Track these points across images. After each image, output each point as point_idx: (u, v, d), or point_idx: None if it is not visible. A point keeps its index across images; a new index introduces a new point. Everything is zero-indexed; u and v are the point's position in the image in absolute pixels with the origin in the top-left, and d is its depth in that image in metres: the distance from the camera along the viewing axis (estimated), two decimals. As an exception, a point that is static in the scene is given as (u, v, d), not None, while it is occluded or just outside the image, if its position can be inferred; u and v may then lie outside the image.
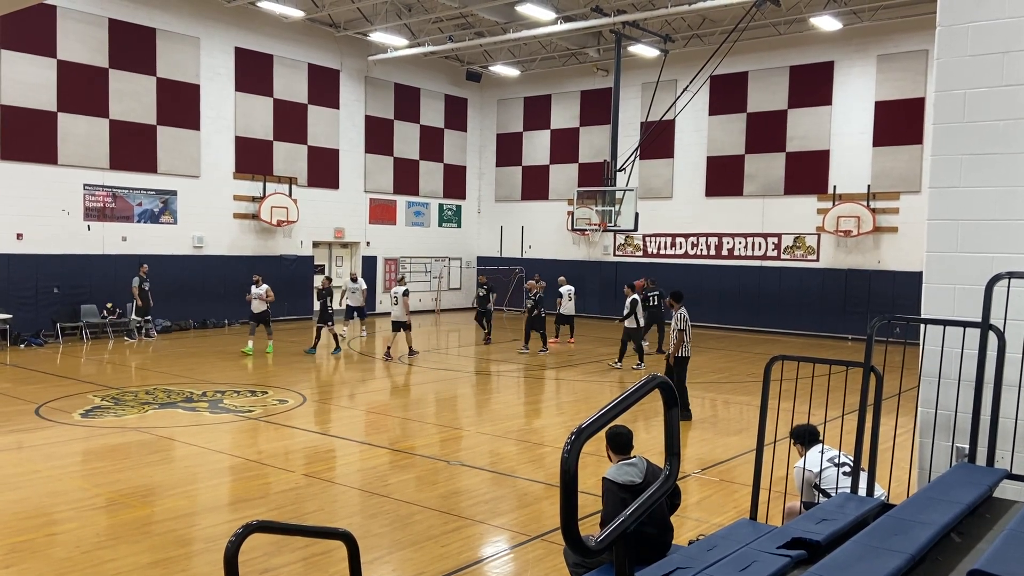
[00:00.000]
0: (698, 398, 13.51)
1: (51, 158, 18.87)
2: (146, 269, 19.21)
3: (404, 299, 16.89)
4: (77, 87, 19.23)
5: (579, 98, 27.40)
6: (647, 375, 2.62)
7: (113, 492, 7.81)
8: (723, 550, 3.48)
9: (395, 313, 17.06)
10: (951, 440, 5.12)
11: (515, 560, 6.47)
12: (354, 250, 26.07)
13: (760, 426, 4.95)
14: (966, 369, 4.91)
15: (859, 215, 21.77)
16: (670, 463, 2.70)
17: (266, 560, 6.05)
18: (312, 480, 8.42)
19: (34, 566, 5.98)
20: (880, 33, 21.53)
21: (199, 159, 21.65)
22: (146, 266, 19.28)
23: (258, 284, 17.14)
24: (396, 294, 17.07)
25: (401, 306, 16.86)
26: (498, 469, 8.94)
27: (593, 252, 27.22)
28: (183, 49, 21.18)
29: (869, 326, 4.80)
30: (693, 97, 22.09)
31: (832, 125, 22.61)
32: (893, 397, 5.21)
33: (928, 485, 4.41)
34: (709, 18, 22.50)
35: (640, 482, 4.73)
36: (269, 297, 17.01)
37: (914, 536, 3.17)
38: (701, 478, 8.68)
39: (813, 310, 22.84)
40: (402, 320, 16.88)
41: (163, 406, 11.89)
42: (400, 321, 16.92)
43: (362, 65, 25.46)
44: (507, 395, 13.91)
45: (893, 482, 5.55)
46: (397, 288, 17.23)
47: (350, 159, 25.52)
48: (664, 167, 25.49)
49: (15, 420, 10.86)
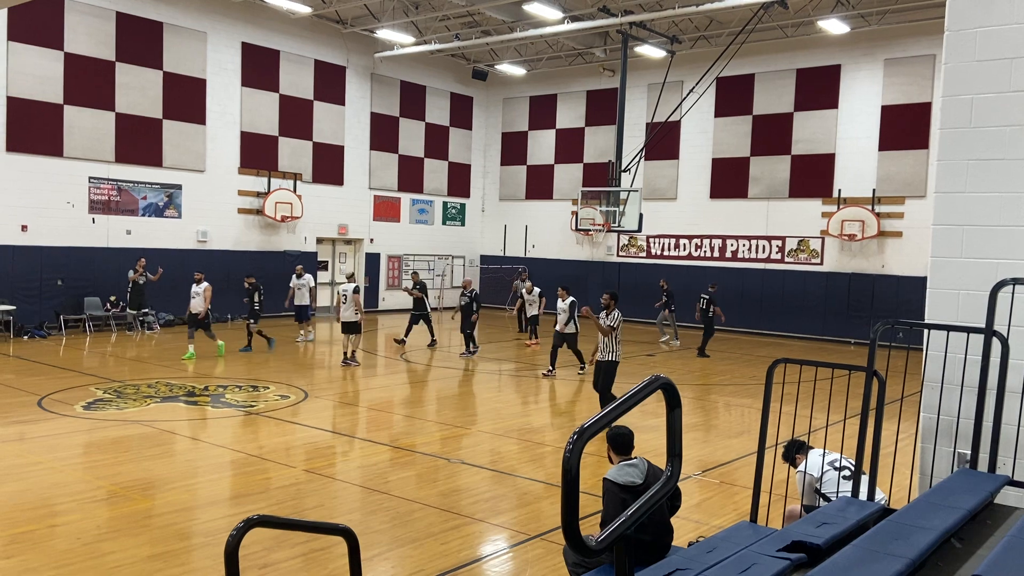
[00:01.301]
0: (699, 400, 13.51)
1: (57, 150, 18.91)
2: (143, 263, 19.15)
3: (355, 297, 15.51)
4: (84, 80, 19.26)
5: (585, 98, 27.38)
6: (651, 375, 2.61)
7: (114, 485, 7.83)
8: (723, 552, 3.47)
9: (344, 314, 15.63)
10: (953, 446, 5.11)
11: (514, 559, 6.47)
12: (358, 247, 26.09)
13: (762, 429, 4.95)
14: (969, 375, 4.90)
15: (864, 219, 21.74)
16: (671, 464, 2.70)
17: (266, 555, 6.06)
18: (312, 476, 8.43)
19: (35, 557, 5.99)
20: (887, 37, 21.49)
21: (204, 154, 21.68)
22: (144, 260, 19.23)
23: (199, 282, 15.83)
24: (345, 292, 15.61)
25: (351, 306, 15.46)
26: (498, 468, 8.94)
27: (596, 252, 27.21)
28: (190, 43, 21.21)
29: (872, 330, 4.79)
30: (699, 99, 22.11)
31: (838, 128, 22.58)
32: (895, 402, 5.20)
33: (929, 490, 4.41)
34: (716, 20, 22.47)
35: (641, 483, 4.73)
36: (207, 296, 15.61)
37: (915, 541, 3.17)
38: (701, 480, 8.67)
39: (816, 314, 22.81)
40: (352, 321, 15.54)
41: (165, 400, 11.91)
42: (350, 322, 15.57)
43: (368, 62, 25.47)
44: (508, 394, 13.91)
45: (894, 487, 5.54)
46: (346, 285, 15.74)
47: (355, 156, 25.54)
48: (669, 168, 25.47)
49: (17, 411, 10.89)
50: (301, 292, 18.51)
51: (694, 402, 13.20)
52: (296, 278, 18.69)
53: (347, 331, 15.67)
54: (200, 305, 15.64)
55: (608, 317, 10.92)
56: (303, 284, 18.54)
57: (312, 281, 18.80)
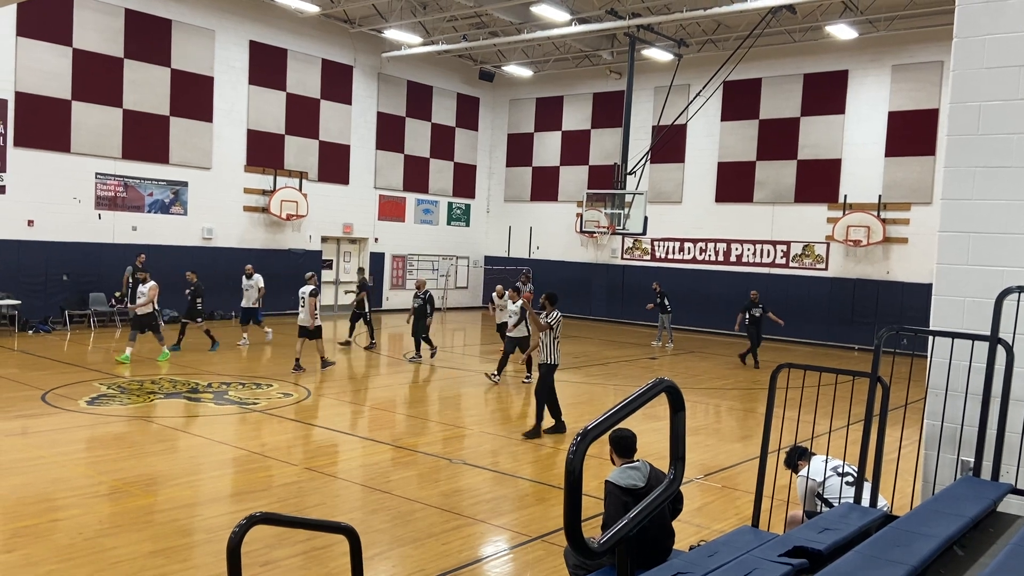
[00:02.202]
0: (702, 404, 13.49)
1: (64, 146, 18.96)
2: (143, 259, 18.97)
3: (311, 300, 14.66)
4: (92, 76, 19.32)
5: (591, 100, 27.38)
6: (655, 378, 2.61)
7: (116, 480, 7.84)
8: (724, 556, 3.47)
9: (300, 317, 14.82)
10: (956, 453, 5.10)
11: (515, 560, 6.47)
12: (362, 246, 26.11)
13: (765, 434, 4.94)
14: (973, 382, 4.89)
15: (869, 225, 21.70)
16: (675, 468, 2.70)
17: (267, 552, 6.07)
18: (314, 474, 8.43)
19: (37, 551, 6.01)
20: (895, 43, 21.45)
21: (211, 151, 21.72)
22: (143, 256, 19.00)
23: (144, 280, 14.82)
24: (303, 294, 14.83)
25: (307, 309, 14.64)
26: (500, 469, 8.94)
27: (601, 255, 27.20)
28: (198, 41, 21.25)
29: (877, 336, 4.78)
30: (706, 102, 22.09)
31: (844, 134, 22.54)
32: (899, 408, 5.19)
33: (932, 497, 4.40)
34: (724, 23, 22.46)
35: (643, 486, 4.73)
36: (152, 296, 14.52)
37: (916, 548, 3.16)
38: (703, 484, 8.66)
39: (820, 319, 22.77)
40: (306, 325, 14.64)
41: (168, 396, 11.93)
42: (305, 326, 14.67)
43: (375, 62, 25.50)
44: (510, 395, 13.90)
45: (897, 494, 5.53)
46: (304, 288, 14.95)
47: (361, 155, 25.56)
48: (675, 171, 25.45)
49: (21, 406, 10.92)
50: (249, 293, 17.38)
51: (697, 406, 13.18)
52: (245, 278, 17.54)
53: (302, 335, 14.73)
54: (146, 307, 14.58)
55: (546, 316, 10.59)
56: (251, 285, 17.36)
57: (261, 282, 17.48)
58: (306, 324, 14.65)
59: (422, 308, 16.33)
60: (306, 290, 14.84)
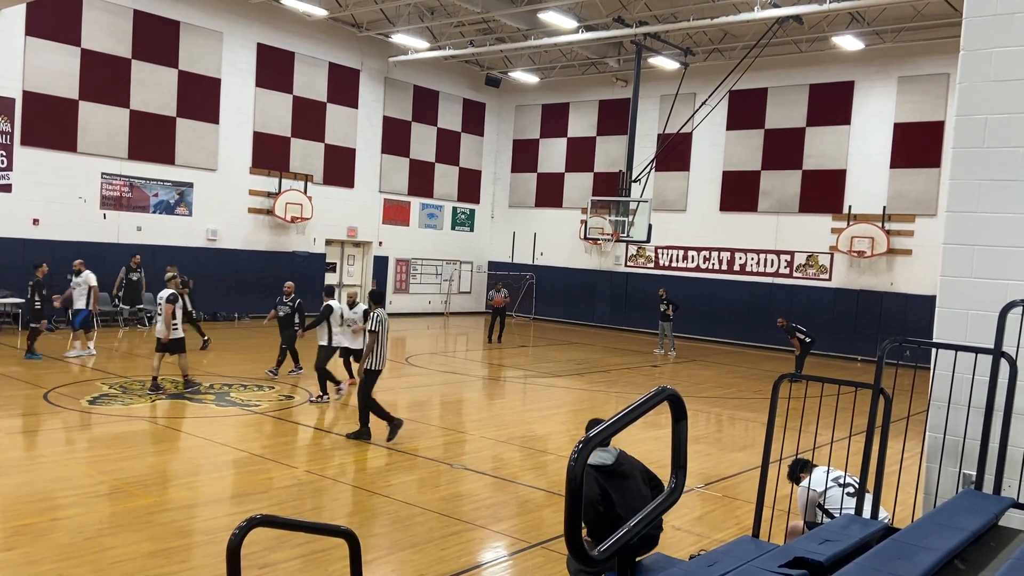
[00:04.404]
0: (703, 413, 13.47)
1: (71, 146, 19.02)
2: (138, 260, 18.99)
3: (167, 307, 12.08)
4: (99, 76, 19.38)
5: (597, 107, 27.40)
6: (657, 387, 2.61)
7: (117, 480, 7.85)
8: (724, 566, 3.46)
9: (157, 328, 12.39)
10: (958, 466, 5.08)
11: (514, 566, 6.46)
12: (366, 249, 26.13)
13: (766, 444, 4.93)
14: (976, 395, 4.88)
15: (873, 236, 21.67)
16: (676, 476, 2.70)
17: (266, 555, 6.06)
18: (314, 477, 8.43)
19: (36, 550, 6.01)
20: (902, 55, 21.46)
21: (217, 153, 21.77)
22: (138, 257, 19.05)
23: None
24: (160, 300, 12.47)
25: (163, 318, 12.08)
26: (500, 474, 8.93)
27: (604, 262, 27.19)
28: (205, 43, 21.32)
29: (880, 348, 4.78)
30: (711, 111, 22.10)
31: (850, 145, 22.53)
32: (901, 420, 5.18)
33: (933, 510, 4.39)
34: (730, 33, 22.48)
35: (611, 463, 4.80)
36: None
37: (917, 561, 3.15)
38: (704, 493, 8.64)
39: (823, 329, 22.67)
40: (160, 337, 12.12)
41: (170, 397, 11.93)
42: (159, 339, 12.15)
43: (382, 66, 25.56)
44: (512, 401, 13.90)
45: (898, 506, 5.51)
46: (161, 292, 12.54)
47: (366, 159, 25.60)
48: (679, 180, 25.46)
49: (23, 404, 10.93)
50: (78, 291, 14.86)
51: (698, 414, 13.15)
52: (74, 275, 15.09)
53: (158, 349, 12.17)
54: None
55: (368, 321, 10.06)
56: (80, 283, 14.83)
57: (93, 279, 14.89)
58: (161, 336, 12.07)
59: (288, 317, 13.77)
60: (163, 295, 12.32)
